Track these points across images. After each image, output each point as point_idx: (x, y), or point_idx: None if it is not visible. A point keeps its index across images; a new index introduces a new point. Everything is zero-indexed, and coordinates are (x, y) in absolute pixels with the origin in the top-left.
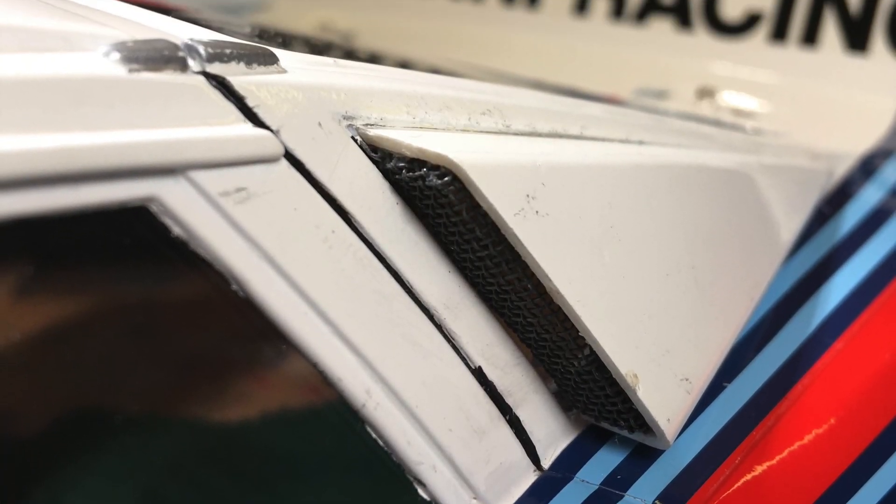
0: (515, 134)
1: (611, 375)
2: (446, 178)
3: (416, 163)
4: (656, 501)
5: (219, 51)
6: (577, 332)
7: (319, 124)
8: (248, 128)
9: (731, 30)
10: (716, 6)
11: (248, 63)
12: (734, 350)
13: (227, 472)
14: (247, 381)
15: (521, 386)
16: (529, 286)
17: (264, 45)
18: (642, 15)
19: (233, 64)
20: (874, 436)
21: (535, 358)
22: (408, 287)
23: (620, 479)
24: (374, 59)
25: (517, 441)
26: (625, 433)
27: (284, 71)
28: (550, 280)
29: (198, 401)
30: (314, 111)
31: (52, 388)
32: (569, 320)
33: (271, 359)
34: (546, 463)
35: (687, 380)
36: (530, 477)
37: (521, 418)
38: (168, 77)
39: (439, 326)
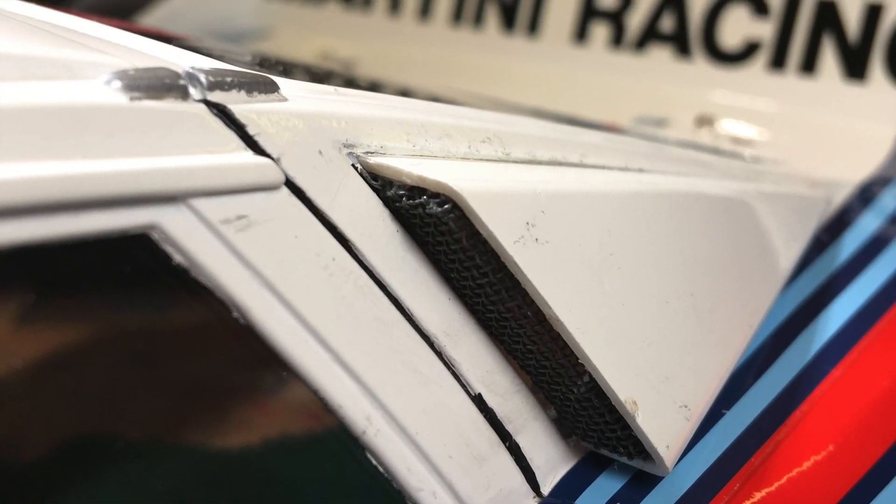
0: (515, 162)
1: (610, 402)
2: (446, 206)
3: (417, 190)
4: None
5: (220, 79)
6: (577, 359)
7: (320, 152)
8: (248, 156)
9: (730, 58)
10: (715, 34)
11: (249, 91)
12: (733, 377)
13: (229, 499)
14: (247, 408)
15: (520, 413)
16: (529, 313)
17: (265, 73)
18: (641, 43)
19: (234, 92)
20: (872, 462)
21: (534, 385)
22: (408, 314)
23: None
24: (374, 87)
25: (517, 468)
26: (624, 460)
27: (285, 99)
28: (550, 307)
29: (199, 428)
30: (315, 139)
31: (53, 416)
32: (568, 347)
33: (272, 386)
34: (546, 489)
35: (686, 406)
36: (530, 503)
37: (520, 445)
38: (169, 105)
39: (439, 353)
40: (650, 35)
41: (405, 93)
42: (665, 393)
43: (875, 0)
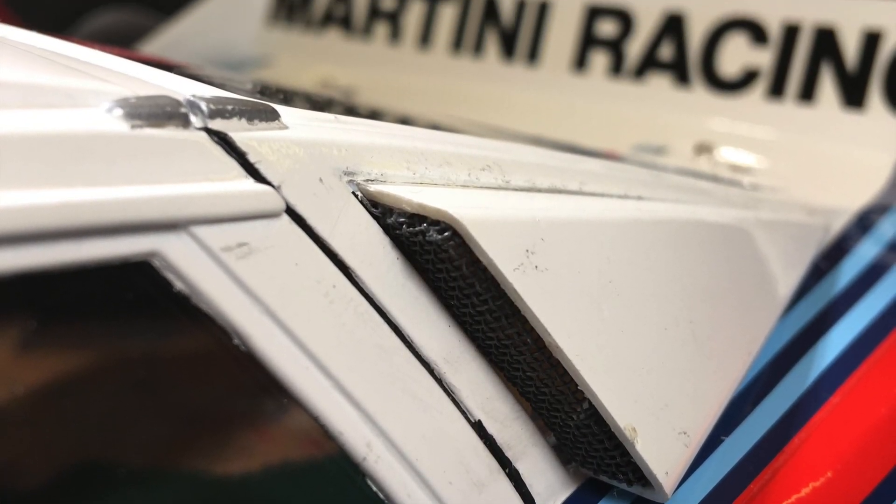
0: (515, 189)
1: (609, 429)
2: (446, 234)
3: (417, 218)
4: None
5: (221, 107)
6: (576, 385)
7: (320, 180)
8: (249, 183)
9: (729, 86)
10: (713, 63)
11: (250, 119)
12: (732, 403)
13: None
14: (248, 435)
15: (520, 439)
16: (529, 340)
17: (266, 101)
18: (641, 71)
19: (234, 120)
20: (871, 489)
21: (534, 411)
22: (408, 341)
23: None
24: (374, 115)
25: (516, 494)
26: (623, 486)
27: (286, 127)
28: (549, 334)
29: (200, 454)
30: (315, 167)
31: (55, 443)
32: (568, 374)
33: (273, 412)
34: None
35: (685, 433)
36: None
37: (520, 471)
38: (170, 133)
39: (439, 380)
40: (649, 63)
41: (405, 121)
42: (664, 420)
43: (873, 28)
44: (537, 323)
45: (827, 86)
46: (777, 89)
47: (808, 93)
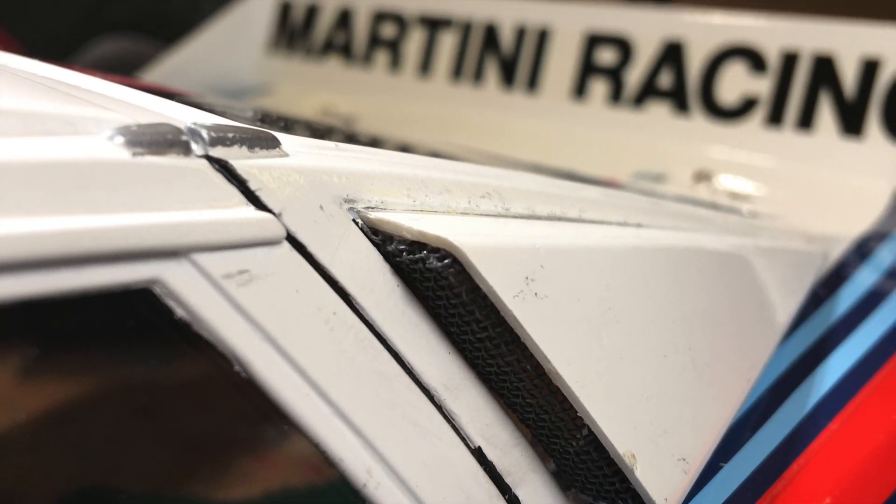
0: (515, 217)
1: (609, 455)
2: (446, 261)
3: (417, 245)
4: None
5: (221, 135)
6: (576, 412)
7: (321, 207)
8: (250, 211)
9: (728, 114)
10: (712, 91)
11: (251, 147)
12: (731, 430)
13: None
14: (249, 461)
15: (520, 466)
16: (528, 367)
17: (266, 128)
18: (640, 99)
19: (235, 148)
20: None
21: (533, 438)
22: (408, 368)
23: None
24: (374, 142)
25: None
26: None
27: (286, 154)
28: (549, 361)
29: (201, 481)
30: (316, 194)
31: (56, 470)
32: (567, 401)
33: (273, 439)
34: None
35: (684, 460)
36: None
37: (519, 497)
38: (171, 161)
39: (439, 407)
40: (649, 91)
41: (405, 148)
42: (663, 446)
43: (872, 56)
44: (537, 350)
45: (825, 114)
46: (776, 117)
47: (806, 121)
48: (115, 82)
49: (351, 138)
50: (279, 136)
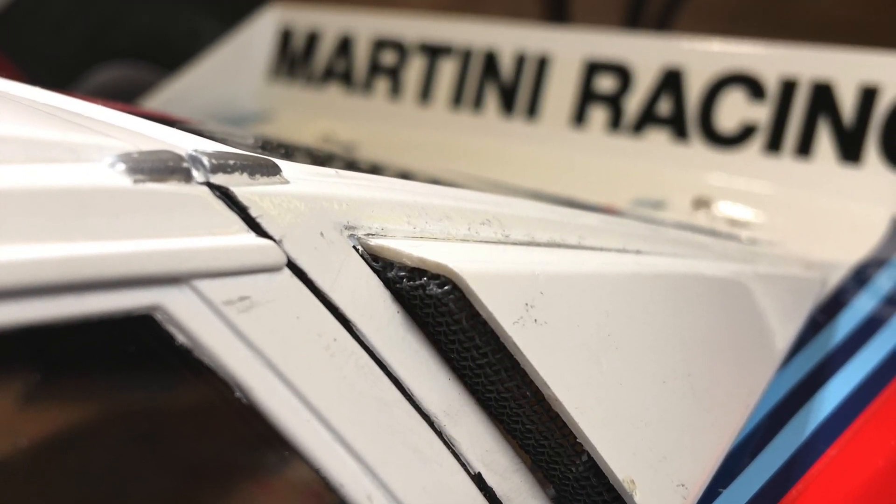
0: (514, 243)
1: (608, 481)
2: (446, 287)
3: (417, 272)
4: None
5: (222, 162)
6: (575, 438)
7: (321, 234)
8: (251, 237)
9: (727, 141)
10: (711, 118)
11: (252, 174)
12: (730, 456)
13: None
14: (250, 487)
15: (519, 491)
16: (528, 393)
17: (267, 156)
18: (639, 127)
19: (236, 175)
20: None
21: (533, 464)
22: (408, 394)
23: None
24: (375, 169)
25: None
26: None
27: (287, 181)
28: (549, 387)
29: None
30: (316, 221)
31: (58, 496)
32: (567, 427)
33: (274, 464)
34: None
35: (683, 485)
36: None
37: None
38: (172, 188)
39: (439, 433)
40: (648, 118)
41: (406, 175)
42: (662, 472)
43: (870, 83)
44: (536, 376)
45: (824, 141)
46: (774, 144)
47: (805, 148)
48: (116, 109)
49: (351, 165)
50: (280, 163)
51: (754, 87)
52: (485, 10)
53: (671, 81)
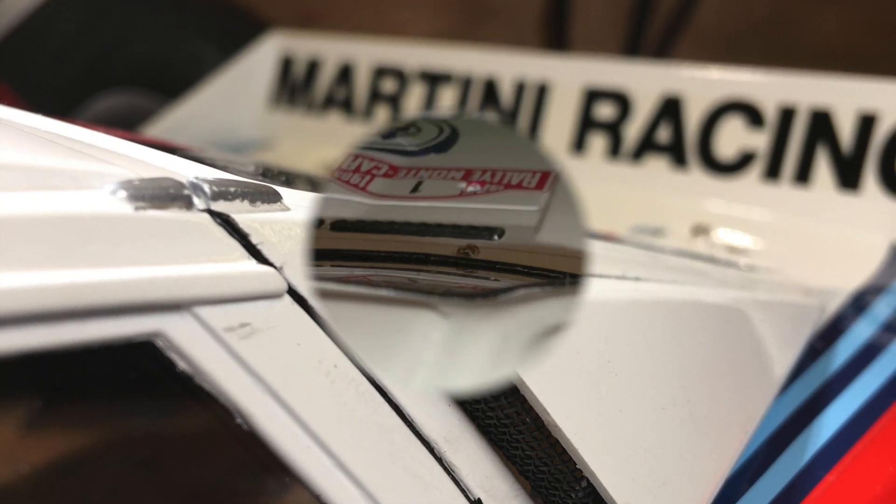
0: None
1: None
2: None
3: None
4: None
5: (223, 189)
6: (575, 464)
7: None
8: (252, 264)
9: (726, 168)
10: (710, 145)
11: (252, 201)
12: (728, 482)
13: None
14: None
15: None
16: (528, 420)
17: (268, 183)
18: (638, 154)
19: (237, 202)
20: None
21: (533, 490)
22: (408, 420)
23: None
24: None
25: None
26: None
27: (288, 209)
28: (548, 414)
29: None
30: None
31: None
32: (566, 453)
33: (275, 491)
34: None
35: None
36: None
37: None
38: (173, 215)
39: (439, 459)
40: (647, 146)
41: None
42: (662, 498)
43: (868, 111)
44: (536, 402)
45: (822, 168)
46: (773, 171)
47: (803, 175)
48: (117, 137)
49: None
50: (280, 190)
51: (753, 115)
52: (485, 38)
53: (670, 109)
